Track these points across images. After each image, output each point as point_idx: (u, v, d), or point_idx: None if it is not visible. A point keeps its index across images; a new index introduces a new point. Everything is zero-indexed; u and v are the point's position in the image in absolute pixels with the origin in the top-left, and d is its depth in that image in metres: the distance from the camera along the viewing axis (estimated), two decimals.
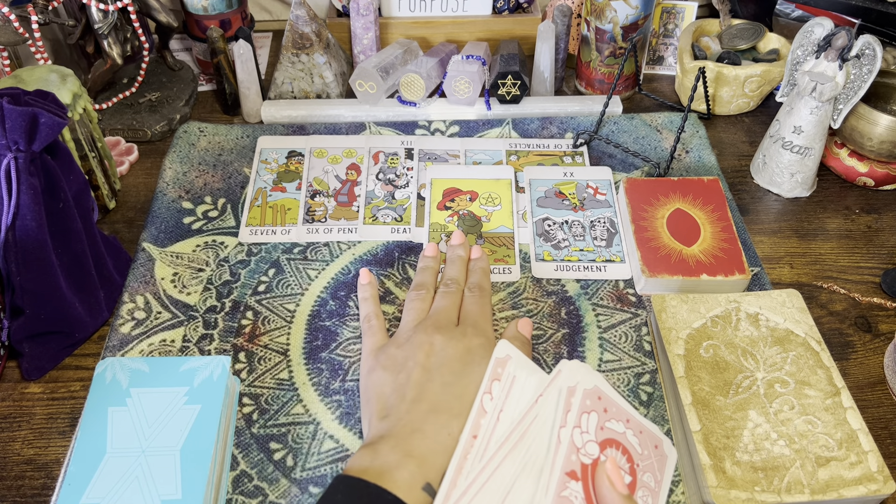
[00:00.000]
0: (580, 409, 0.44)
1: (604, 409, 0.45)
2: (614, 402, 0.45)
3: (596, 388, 0.45)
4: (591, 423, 0.44)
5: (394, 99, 0.89)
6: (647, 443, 0.45)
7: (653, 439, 0.45)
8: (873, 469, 0.52)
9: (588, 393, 0.44)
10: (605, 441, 0.44)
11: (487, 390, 0.46)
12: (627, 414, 0.45)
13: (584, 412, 0.44)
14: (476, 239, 0.74)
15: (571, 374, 0.45)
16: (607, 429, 0.44)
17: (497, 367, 0.47)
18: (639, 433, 0.45)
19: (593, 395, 0.45)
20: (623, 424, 0.45)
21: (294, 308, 0.67)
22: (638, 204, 0.73)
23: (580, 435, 0.43)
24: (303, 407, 0.60)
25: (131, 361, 0.57)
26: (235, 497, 0.55)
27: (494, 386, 0.46)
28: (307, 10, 0.86)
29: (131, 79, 0.91)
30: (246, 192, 0.79)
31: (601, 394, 0.45)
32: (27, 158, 0.57)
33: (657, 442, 0.45)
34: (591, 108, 0.89)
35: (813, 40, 0.74)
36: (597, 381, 0.45)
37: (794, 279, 0.72)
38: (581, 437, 0.43)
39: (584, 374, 0.45)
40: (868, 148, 0.77)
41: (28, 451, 0.58)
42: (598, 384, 0.45)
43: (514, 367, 0.47)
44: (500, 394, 0.46)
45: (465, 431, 0.45)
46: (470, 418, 0.46)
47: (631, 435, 0.45)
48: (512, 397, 0.46)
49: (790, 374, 0.58)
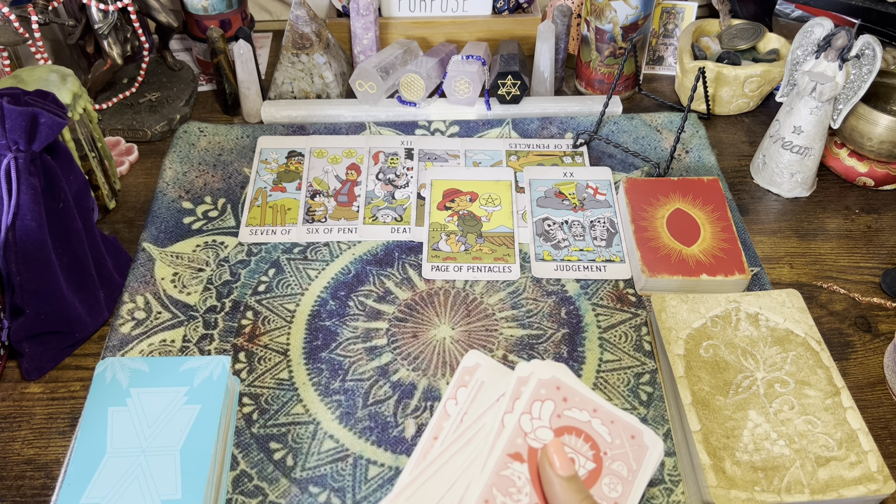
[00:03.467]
0: (532, 397, 0.46)
1: (563, 398, 0.46)
2: (577, 393, 0.46)
3: (554, 378, 0.46)
4: (544, 410, 0.46)
5: (394, 99, 0.89)
6: (619, 433, 0.46)
7: (628, 430, 0.46)
8: (873, 469, 0.52)
9: (543, 383, 0.46)
10: (562, 428, 0.45)
11: (452, 396, 0.48)
12: (595, 404, 0.46)
13: (538, 400, 0.46)
14: (476, 239, 0.74)
15: (527, 367, 0.47)
16: (566, 416, 0.45)
17: (464, 374, 0.48)
18: (609, 423, 0.46)
19: (550, 384, 0.46)
20: (588, 413, 0.46)
21: (294, 308, 0.67)
22: (638, 204, 0.73)
23: (529, 421, 0.45)
24: (303, 407, 0.60)
25: (131, 361, 0.57)
26: (235, 497, 0.55)
27: (460, 392, 0.48)
28: (307, 10, 0.86)
29: (131, 79, 0.91)
30: (246, 192, 0.79)
31: (560, 384, 0.46)
32: (27, 158, 0.57)
33: (634, 433, 0.46)
34: (591, 108, 0.89)
35: (813, 40, 0.74)
36: (557, 373, 0.47)
37: (794, 279, 0.72)
38: (531, 423, 0.45)
39: (542, 366, 0.46)
40: (868, 148, 0.77)
41: (28, 451, 0.58)
42: (557, 375, 0.46)
43: (483, 373, 0.48)
44: (465, 399, 0.48)
45: (426, 433, 0.47)
46: (431, 422, 0.47)
47: (598, 424, 0.46)
48: (478, 401, 0.47)
49: (790, 374, 0.58)
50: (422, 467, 0.45)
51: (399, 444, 0.58)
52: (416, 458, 0.46)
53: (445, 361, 0.64)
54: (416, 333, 0.66)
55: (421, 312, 0.67)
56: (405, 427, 0.59)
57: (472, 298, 0.69)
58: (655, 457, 0.45)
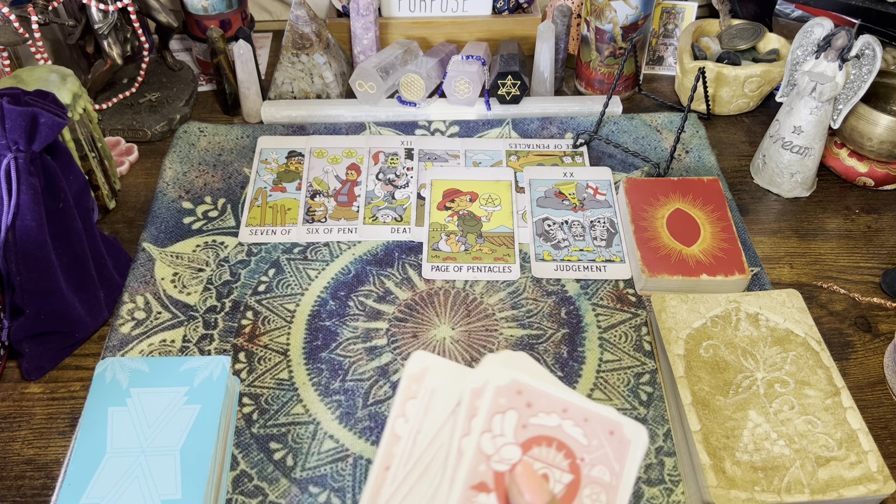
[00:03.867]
0: (490, 410, 0.39)
1: (526, 403, 0.40)
2: (542, 394, 0.40)
3: (513, 382, 0.40)
4: (506, 423, 0.39)
5: (394, 99, 0.89)
6: (595, 432, 0.40)
7: (605, 425, 0.40)
8: (873, 469, 0.52)
9: (501, 390, 0.39)
10: (530, 440, 0.39)
11: (400, 413, 0.41)
12: (564, 403, 0.40)
13: (497, 412, 0.39)
14: (476, 239, 0.74)
15: (480, 375, 0.40)
16: (532, 426, 0.39)
17: (411, 383, 0.41)
18: (583, 422, 0.40)
19: (509, 391, 0.39)
20: (557, 416, 0.40)
21: (294, 308, 0.67)
22: (638, 204, 0.73)
23: (491, 440, 0.39)
24: (303, 407, 0.60)
25: (131, 361, 0.57)
26: (235, 497, 0.55)
27: (409, 406, 0.41)
28: (307, 11, 0.86)
29: (131, 79, 0.91)
30: (246, 192, 0.79)
31: (521, 388, 0.40)
32: (27, 158, 0.57)
33: (612, 427, 0.40)
34: (591, 108, 0.89)
35: (813, 40, 0.74)
36: (515, 374, 0.40)
37: (794, 279, 0.72)
38: (493, 443, 0.39)
39: (496, 369, 0.40)
40: (868, 148, 0.77)
41: (28, 451, 0.58)
42: (516, 378, 0.40)
43: (433, 379, 0.41)
44: (416, 414, 0.41)
45: (376, 463, 0.40)
46: (380, 448, 0.40)
47: (570, 426, 0.40)
48: (431, 415, 0.41)
49: (790, 374, 0.58)
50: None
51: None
52: (367, 495, 0.39)
53: None
54: (416, 333, 0.66)
55: (421, 312, 0.67)
56: None
57: (472, 298, 0.69)
58: (640, 449, 0.40)
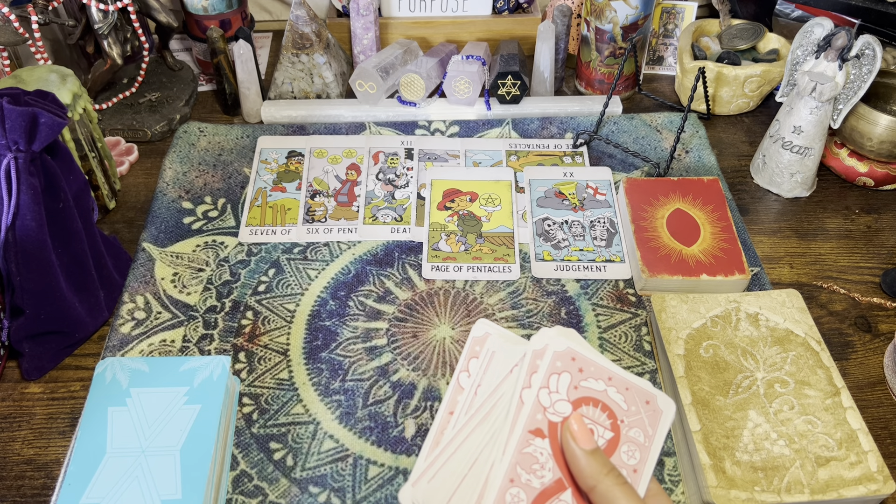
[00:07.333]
0: (548, 370, 0.46)
1: (578, 369, 0.46)
2: (592, 362, 0.46)
3: (569, 349, 0.46)
4: (561, 383, 0.46)
5: (394, 99, 0.89)
6: (634, 399, 0.46)
7: (643, 395, 0.46)
8: (873, 469, 0.52)
9: (559, 355, 0.46)
10: (580, 399, 0.45)
11: (464, 368, 0.48)
12: (610, 372, 0.46)
13: (554, 373, 0.46)
14: (476, 239, 0.74)
15: (541, 339, 0.46)
16: (583, 388, 0.46)
17: (475, 345, 0.48)
18: (624, 390, 0.46)
19: (565, 356, 0.46)
20: (604, 382, 0.46)
21: (294, 308, 0.67)
22: (638, 204, 0.73)
23: (548, 395, 0.45)
24: (303, 407, 0.60)
25: (131, 361, 0.57)
26: (235, 497, 0.55)
27: (472, 363, 0.48)
28: (307, 10, 0.86)
29: (131, 79, 0.91)
30: (246, 192, 0.79)
31: (575, 355, 0.46)
32: (27, 158, 0.57)
33: (648, 398, 0.46)
34: (590, 108, 0.89)
35: (813, 40, 0.74)
36: (571, 343, 0.47)
37: (793, 279, 0.72)
38: (549, 397, 0.45)
39: (556, 337, 0.46)
40: (868, 148, 0.77)
41: (28, 451, 0.58)
42: (571, 346, 0.47)
43: (494, 343, 0.48)
44: (478, 370, 0.48)
45: (441, 408, 0.47)
46: (446, 396, 0.47)
47: (614, 392, 0.46)
48: (490, 372, 0.47)
49: (790, 374, 0.58)
50: (441, 447, 0.45)
51: (399, 444, 0.58)
52: (433, 435, 0.46)
53: (445, 361, 0.64)
54: (416, 333, 0.66)
55: (421, 312, 0.67)
56: (405, 427, 0.59)
57: (472, 298, 0.69)
58: (669, 418, 0.46)
